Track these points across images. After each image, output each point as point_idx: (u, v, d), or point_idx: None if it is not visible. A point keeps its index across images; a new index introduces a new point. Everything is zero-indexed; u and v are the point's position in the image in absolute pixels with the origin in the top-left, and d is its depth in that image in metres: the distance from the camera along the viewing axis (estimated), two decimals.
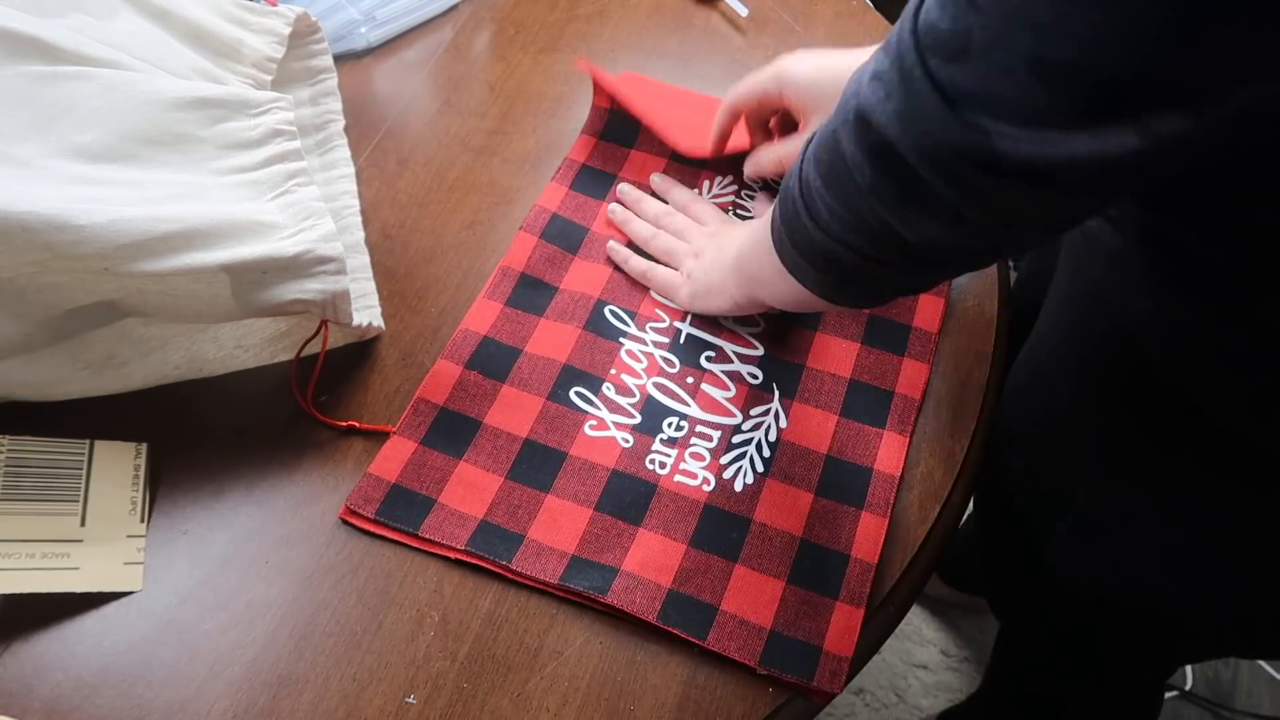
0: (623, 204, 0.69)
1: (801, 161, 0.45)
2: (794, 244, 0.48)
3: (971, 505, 1.18)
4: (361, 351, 0.62)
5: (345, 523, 0.54)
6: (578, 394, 0.59)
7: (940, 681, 1.25)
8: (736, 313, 0.62)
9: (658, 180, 0.70)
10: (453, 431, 0.57)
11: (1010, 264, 0.76)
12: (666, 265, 0.65)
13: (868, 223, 0.41)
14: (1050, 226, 0.39)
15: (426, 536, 0.53)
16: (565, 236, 0.67)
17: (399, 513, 0.54)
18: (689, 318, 0.63)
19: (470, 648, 0.50)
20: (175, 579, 0.52)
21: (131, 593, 0.51)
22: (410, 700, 0.49)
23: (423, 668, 0.50)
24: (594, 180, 0.70)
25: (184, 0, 0.61)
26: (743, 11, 0.81)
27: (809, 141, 0.45)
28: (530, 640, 0.51)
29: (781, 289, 0.52)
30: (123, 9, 0.59)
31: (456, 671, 0.50)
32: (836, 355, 0.62)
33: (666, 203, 0.69)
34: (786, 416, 0.59)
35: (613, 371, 0.60)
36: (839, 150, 0.40)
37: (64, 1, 0.56)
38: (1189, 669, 1.24)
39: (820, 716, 0.52)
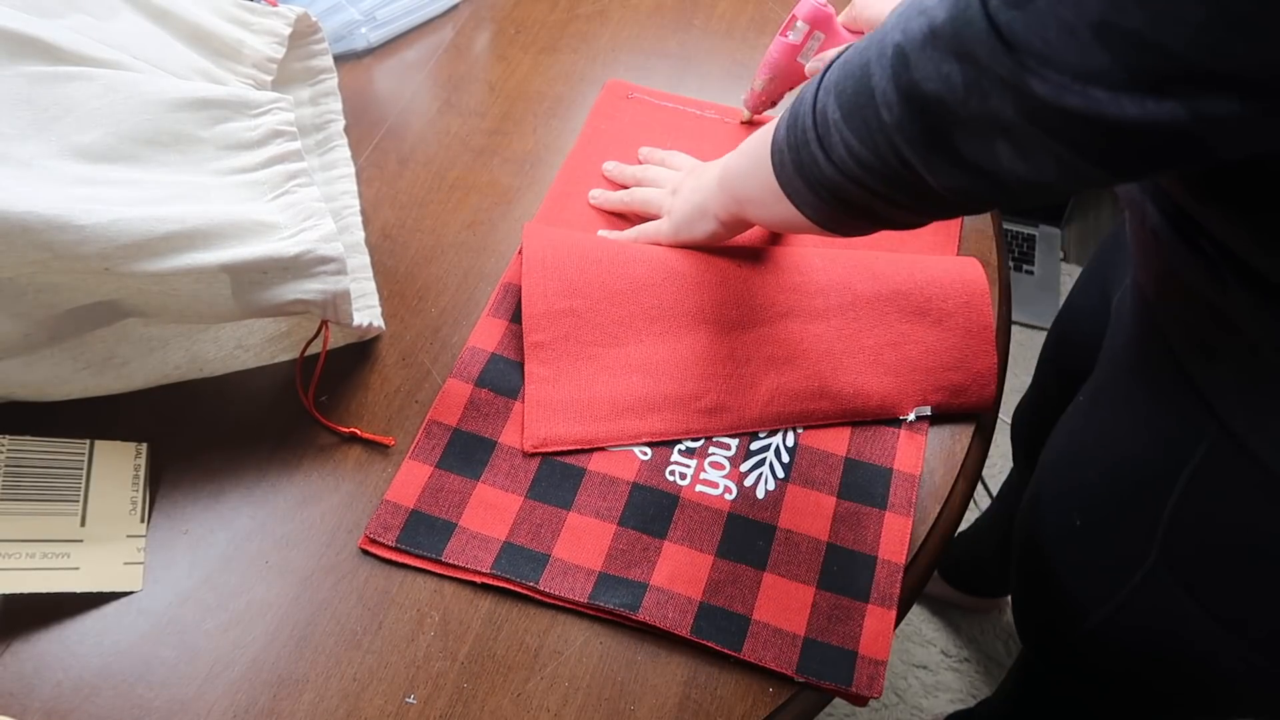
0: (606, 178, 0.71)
1: (817, 90, 0.44)
2: (799, 171, 0.47)
3: (979, 506, 1.17)
4: (362, 351, 0.62)
5: (366, 553, 0.53)
6: None
7: (940, 681, 1.25)
8: (720, 239, 0.61)
9: (645, 151, 0.72)
10: (468, 453, 0.56)
11: (1012, 263, 0.75)
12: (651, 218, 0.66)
13: (887, 162, 0.41)
14: (1070, 186, 0.38)
15: (450, 562, 0.52)
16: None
17: (420, 539, 0.53)
18: None
19: (470, 648, 0.50)
20: (175, 579, 0.52)
21: (131, 593, 0.51)
22: (410, 700, 0.49)
23: (423, 668, 0.50)
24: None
25: (184, 1, 0.61)
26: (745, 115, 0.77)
27: (825, 70, 0.44)
28: (530, 640, 0.51)
29: (774, 210, 0.51)
30: (123, 9, 0.59)
31: (457, 671, 0.50)
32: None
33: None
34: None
35: None
36: (868, 84, 0.40)
37: (64, 2, 0.56)
38: None
39: (820, 716, 0.52)
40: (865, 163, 0.42)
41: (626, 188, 0.70)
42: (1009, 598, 1.30)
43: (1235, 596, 0.53)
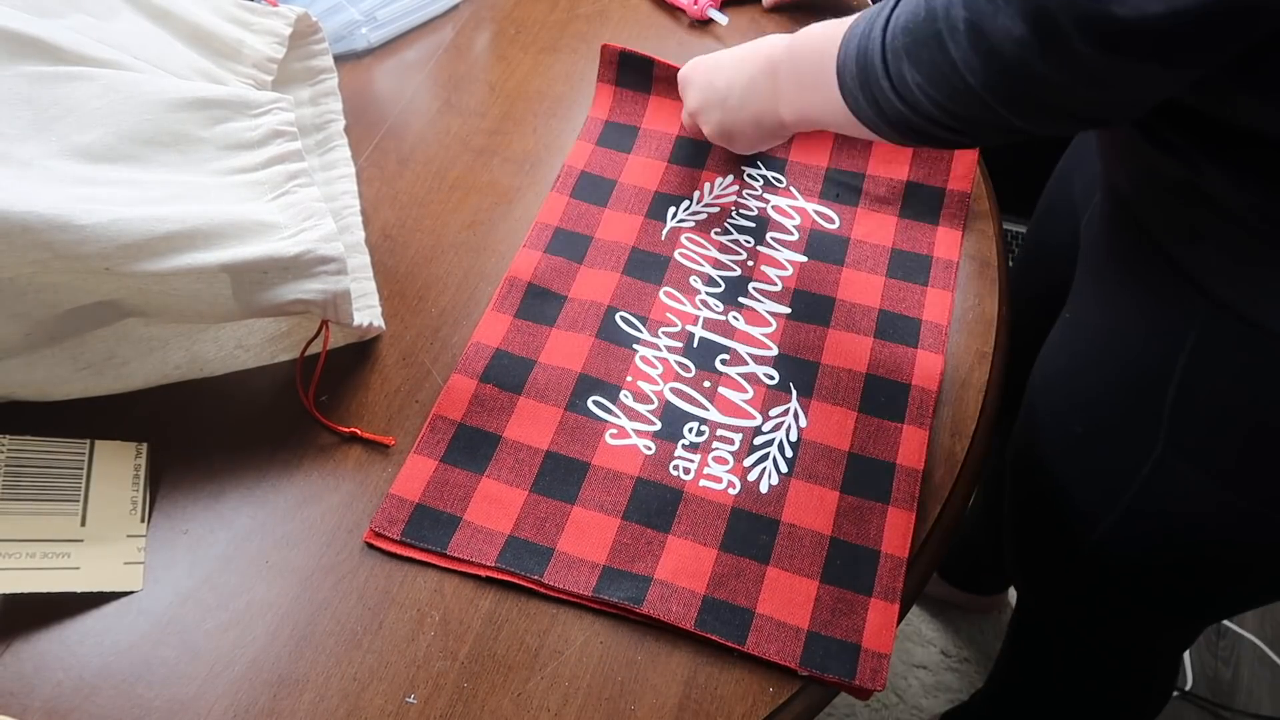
0: None
1: (884, 41, 0.47)
2: (870, 102, 0.50)
3: (979, 496, 1.18)
4: (362, 351, 0.62)
5: (370, 547, 0.53)
6: (595, 403, 0.59)
7: (940, 681, 1.25)
8: (779, 135, 0.63)
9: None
10: (472, 447, 0.57)
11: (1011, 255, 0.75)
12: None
13: (976, 114, 0.45)
14: (1138, 106, 0.42)
15: (455, 555, 0.53)
16: (570, 248, 0.66)
17: (425, 532, 0.53)
18: (701, 320, 0.63)
19: (471, 648, 0.50)
20: (175, 579, 0.52)
21: (131, 593, 0.51)
22: (411, 700, 0.49)
23: (423, 668, 0.50)
24: (594, 187, 0.70)
25: (184, 1, 0.61)
26: (724, 21, 0.82)
27: (888, 12, 0.47)
28: (530, 640, 0.51)
29: (842, 124, 0.54)
30: (123, 9, 0.59)
31: (457, 671, 0.50)
32: (850, 351, 0.62)
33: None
34: (806, 415, 0.59)
35: (629, 379, 0.60)
36: (945, 53, 0.43)
37: (64, 1, 0.56)
38: (1189, 669, 1.24)
39: (820, 716, 0.52)
40: (951, 113, 0.45)
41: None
42: (1008, 595, 1.30)
43: (1249, 466, 0.54)
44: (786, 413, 0.59)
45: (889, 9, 0.47)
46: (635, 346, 0.62)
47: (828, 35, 0.53)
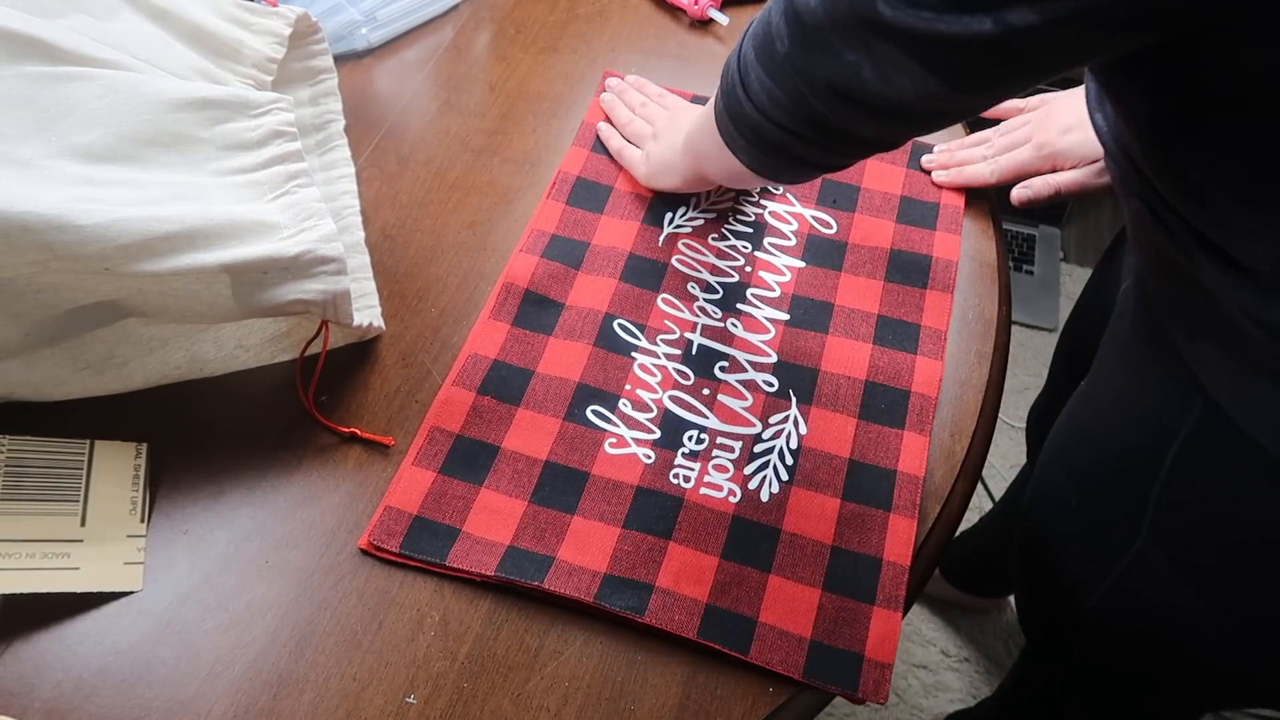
0: (612, 92, 0.76)
1: (743, 38, 0.49)
2: (730, 116, 0.52)
3: (996, 505, 1.17)
4: (361, 351, 0.62)
5: (366, 552, 0.53)
6: (594, 413, 0.59)
7: (940, 681, 1.25)
8: (686, 188, 0.67)
9: (633, 79, 0.76)
10: (470, 459, 0.56)
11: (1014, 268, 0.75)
12: (637, 146, 0.71)
13: (790, 95, 0.46)
14: (929, 105, 0.42)
15: (454, 565, 0.52)
16: (568, 254, 0.66)
17: (423, 544, 0.53)
18: (699, 328, 0.63)
19: (470, 648, 0.50)
20: (175, 579, 0.52)
21: (131, 593, 0.51)
22: (410, 700, 0.49)
23: (423, 668, 0.50)
24: (589, 193, 0.70)
25: (184, 1, 0.61)
26: (724, 21, 0.82)
27: (742, 39, 0.50)
28: (530, 640, 0.51)
29: (721, 163, 0.56)
30: (123, 9, 0.59)
31: (457, 671, 0.50)
32: (849, 357, 0.61)
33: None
34: (806, 423, 0.59)
35: (627, 387, 0.60)
36: (768, 21, 0.46)
37: (64, 1, 0.56)
38: None
39: (820, 717, 0.52)
40: (775, 98, 0.47)
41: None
42: (1010, 598, 1.30)
43: (1223, 575, 0.54)
44: (786, 420, 0.59)
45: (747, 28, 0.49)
46: (634, 354, 0.61)
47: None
